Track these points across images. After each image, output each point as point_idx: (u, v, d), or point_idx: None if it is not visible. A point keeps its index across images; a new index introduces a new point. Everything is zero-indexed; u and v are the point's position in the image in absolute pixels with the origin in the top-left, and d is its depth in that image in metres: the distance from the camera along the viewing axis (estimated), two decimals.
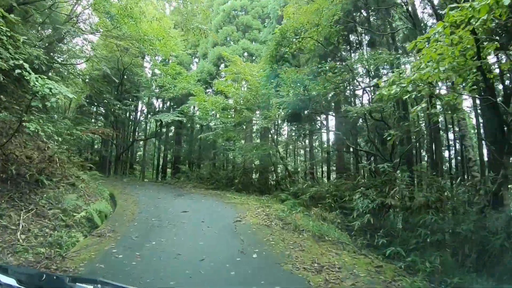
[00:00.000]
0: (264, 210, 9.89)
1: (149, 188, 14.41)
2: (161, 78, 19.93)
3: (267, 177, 16.85)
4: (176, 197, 11.88)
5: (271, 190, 15.86)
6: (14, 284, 1.32)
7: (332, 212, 10.35)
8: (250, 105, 14.20)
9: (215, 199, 12.01)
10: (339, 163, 18.04)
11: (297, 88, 10.71)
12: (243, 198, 12.49)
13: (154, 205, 9.84)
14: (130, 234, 6.28)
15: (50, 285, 1.44)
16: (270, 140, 16.16)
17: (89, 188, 10.43)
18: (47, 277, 1.46)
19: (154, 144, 29.55)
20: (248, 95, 14.32)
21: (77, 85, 20.22)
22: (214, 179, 18.21)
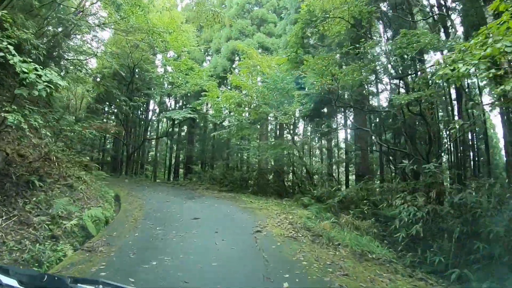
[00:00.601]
0: (287, 217, 8.56)
1: (159, 190, 13.30)
2: (173, 74, 18.86)
3: (285, 179, 15.48)
4: (187, 200, 10.69)
5: (291, 193, 14.52)
6: (15, 285, 1.30)
7: (365, 220, 8.93)
8: (267, 100, 12.88)
9: (230, 203, 10.76)
10: (363, 164, 16.52)
11: (324, 77, 9.31)
12: (260, 202, 11.19)
13: (161, 210, 8.66)
14: (127, 249, 5.07)
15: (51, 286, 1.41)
16: (288, 138, 14.77)
17: (90, 190, 9.37)
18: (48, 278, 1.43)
19: (166, 144, 28.67)
20: (266, 89, 13.01)
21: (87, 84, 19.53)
22: (228, 181, 16.99)
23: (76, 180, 9.13)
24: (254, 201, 11.54)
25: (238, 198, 12.15)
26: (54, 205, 6.29)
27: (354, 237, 6.74)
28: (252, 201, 11.37)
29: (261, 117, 14.60)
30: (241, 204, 10.59)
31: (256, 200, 11.79)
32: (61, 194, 7.56)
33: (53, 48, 13.99)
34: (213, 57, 21.71)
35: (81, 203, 8.04)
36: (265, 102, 12.76)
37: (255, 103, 13.32)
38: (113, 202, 9.98)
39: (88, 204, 8.27)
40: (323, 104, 13.83)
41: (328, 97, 12.41)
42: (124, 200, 10.35)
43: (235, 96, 13.21)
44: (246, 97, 13.97)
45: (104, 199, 9.44)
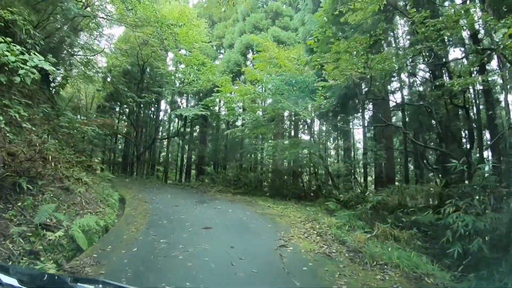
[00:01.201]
0: (314, 226, 7.34)
1: (168, 192, 12.26)
2: (184, 69, 17.85)
3: (306, 181, 14.21)
4: (198, 204, 9.58)
5: (311, 196, 13.26)
6: (16, 284, 1.30)
7: (404, 230, 7.63)
8: (285, 95, 11.67)
9: (245, 207, 9.59)
10: (388, 164, 15.08)
11: (355, 64, 8.02)
12: (279, 207, 9.99)
13: (168, 216, 7.57)
14: (120, 270, 3.97)
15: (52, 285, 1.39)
16: (302, 137, 13.50)
17: (91, 194, 8.39)
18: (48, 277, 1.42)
19: (178, 144, 27.80)
20: (284, 83, 11.81)
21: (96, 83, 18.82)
22: (242, 182, 15.83)
23: (74, 182, 8.17)
24: (272, 205, 10.33)
25: (254, 202, 10.97)
26: (38, 212, 5.26)
27: (402, 254, 5.45)
28: (270, 206, 10.17)
29: (278, 114, 13.39)
30: (258, 209, 9.41)
31: (274, 205, 10.59)
32: (53, 199, 6.56)
33: (59, 44, 13.22)
34: (226, 52, 20.64)
35: (77, 209, 7.04)
36: (283, 97, 11.53)
37: (271, 98, 12.11)
38: (117, 206, 8.99)
39: (86, 210, 7.26)
40: (347, 99, 12.52)
41: (354, 90, 11.15)
42: (129, 204, 9.33)
43: (250, 91, 12.02)
44: (262, 92, 12.77)
45: (106, 203, 8.45)
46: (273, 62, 12.30)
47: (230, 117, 16.52)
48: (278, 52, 12.42)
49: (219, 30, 24.21)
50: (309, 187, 14.90)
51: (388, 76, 9.28)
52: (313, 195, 13.76)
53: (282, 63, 11.95)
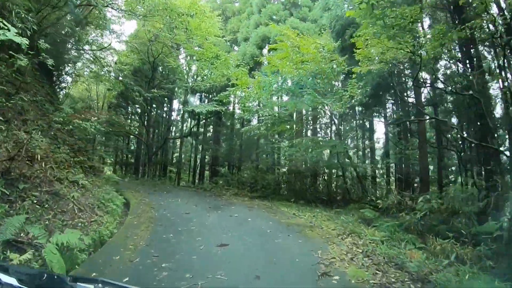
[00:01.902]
0: (355, 241, 5.88)
1: (179, 196, 11.00)
2: (197, 63, 16.61)
3: (332, 184, 12.69)
4: (212, 211, 8.26)
5: (339, 201, 11.75)
6: (15, 283, 1.28)
7: (466, 246, 6.10)
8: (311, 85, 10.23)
9: (267, 215, 8.20)
10: (422, 164, 13.35)
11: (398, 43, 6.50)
12: (306, 215, 8.55)
13: (176, 227, 6.27)
14: None
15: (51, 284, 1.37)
16: (335, 134, 11.97)
17: (88, 198, 7.19)
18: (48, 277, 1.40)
19: (191, 144, 26.73)
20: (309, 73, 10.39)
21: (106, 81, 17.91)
22: (259, 185, 14.47)
23: (68, 186, 6.99)
24: (297, 212, 8.92)
25: (276, 208, 9.58)
26: (3, 225, 4.03)
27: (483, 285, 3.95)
28: (296, 213, 8.75)
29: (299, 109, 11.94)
30: (282, 217, 8.00)
31: (300, 212, 9.18)
32: (36, 206, 5.36)
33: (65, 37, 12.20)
34: (241, 45, 19.33)
35: (66, 218, 5.83)
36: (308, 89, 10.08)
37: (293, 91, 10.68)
38: (119, 212, 7.78)
39: (77, 219, 6.04)
40: (380, 89, 10.96)
41: (387, 79, 9.61)
42: (133, 210, 8.11)
43: (271, 82, 10.58)
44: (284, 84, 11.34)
45: (105, 210, 7.24)
46: (295, 51, 10.86)
47: (245, 114, 15.14)
48: (301, 39, 10.98)
49: (232, 25, 23.03)
50: (335, 190, 13.37)
51: (438, 57, 7.67)
52: (340, 200, 12.27)
53: (306, 50, 10.49)
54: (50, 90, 11.03)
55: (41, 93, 9.67)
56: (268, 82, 10.59)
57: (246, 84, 12.38)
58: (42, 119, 8.37)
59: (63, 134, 9.13)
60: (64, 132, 9.29)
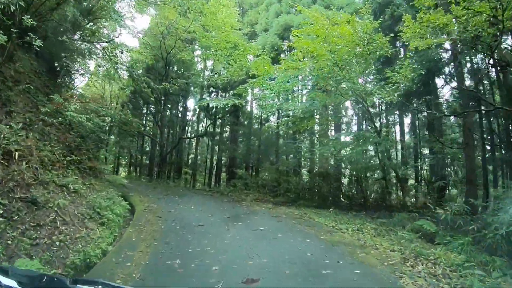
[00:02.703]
0: (429, 268, 4.23)
1: (192, 201, 9.51)
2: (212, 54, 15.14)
3: (365, 187, 10.89)
4: (231, 222, 6.70)
5: (379, 209, 9.93)
6: (15, 285, 1.27)
7: None
8: (348, 70, 8.56)
9: (300, 229, 6.56)
10: (469, 165, 11.31)
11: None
12: (349, 228, 6.89)
13: (185, 247, 4.74)
14: None
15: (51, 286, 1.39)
16: (374, 130, 10.19)
17: (78, 207, 5.80)
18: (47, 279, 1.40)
19: (207, 145, 25.40)
20: (351, 53, 8.72)
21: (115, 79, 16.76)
22: (283, 188, 12.84)
23: (54, 190, 5.62)
24: (336, 224, 7.23)
25: (308, 217, 7.94)
26: None
27: None
28: (334, 225, 7.07)
29: (332, 102, 10.24)
30: (319, 231, 6.34)
31: (336, 222, 7.51)
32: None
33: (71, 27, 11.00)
34: (261, 36, 17.76)
35: (42, 234, 4.43)
36: (346, 73, 8.39)
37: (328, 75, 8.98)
38: (119, 223, 6.37)
39: (58, 235, 4.63)
40: (430, 74, 9.14)
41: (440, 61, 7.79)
42: (137, 220, 6.67)
43: (303, 67, 8.86)
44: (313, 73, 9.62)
45: (99, 221, 5.82)
46: (326, 33, 9.17)
47: (266, 110, 13.49)
48: (334, 17, 9.30)
49: (250, 17, 21.57)
50: (373, 196, 11.55)
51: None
52: (378, 207, 10.45)
53: (341, 30, 8.80)
54: (50, 82, 9.82)
55: (36, 84, 8.43)
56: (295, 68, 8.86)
57: (269, 72, 10.77)
58: (31, 112, 7.08)
59: (58, 130, 7.84)
60: (60, 127, 8.02)
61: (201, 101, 15.61)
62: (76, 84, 15.12)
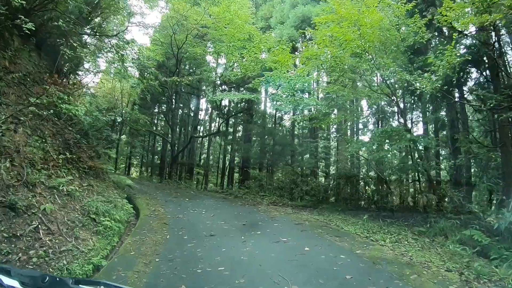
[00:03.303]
0: None
1: (203, 205, 8.62)
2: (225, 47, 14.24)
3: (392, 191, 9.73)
4: (248, 232, 5.73)
5: (411, 215, 8.75)
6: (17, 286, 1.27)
7: None
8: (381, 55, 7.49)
9: (330, 240, 5.55)
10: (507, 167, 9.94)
11: None
12: (387, 240, 5.81)
13: (193, 266, 3.82)
14: None
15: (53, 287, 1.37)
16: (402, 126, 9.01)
17: (69, 212, 4.96)
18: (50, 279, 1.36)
19: (219, 145, 24.58)
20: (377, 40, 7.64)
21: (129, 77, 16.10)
22: (301, 191, 11.82)
23: (42, 193, 4.80)
24: (369, 234, 6.19)
25: (335, 225, 6.92)
26: None
27: None
28: (367, 235, 6.03)
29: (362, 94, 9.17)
30: (353, 244, 5.32)
31: (369, 232, 6.46)
32: None
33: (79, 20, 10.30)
34: (276, 28, 16.75)
35: (18, 248, 3.58)
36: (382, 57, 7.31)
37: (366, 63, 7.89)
38: (120, 231, 5.52)
39: (36, 250, 3.77)
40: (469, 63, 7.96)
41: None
42: (139, 228, 5.80)
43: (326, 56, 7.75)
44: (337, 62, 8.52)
45: (94, 229, 4.96)
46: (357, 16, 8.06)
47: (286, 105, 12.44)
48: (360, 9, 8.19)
49: (264, 11, 20.65)
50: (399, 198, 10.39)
51: None
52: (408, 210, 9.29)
53: (372, 14, 7.70)
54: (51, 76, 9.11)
55: (34, 77, 7.70)
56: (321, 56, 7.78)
57: (288, 63, 9.76)
58: (24, 105, 6.31)
59: (55, 125, 7.08)
60: (58, 122, 7.26)
61: (214, 96, 14.68)
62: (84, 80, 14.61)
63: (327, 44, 7.25)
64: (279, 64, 10.19)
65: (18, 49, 7.90)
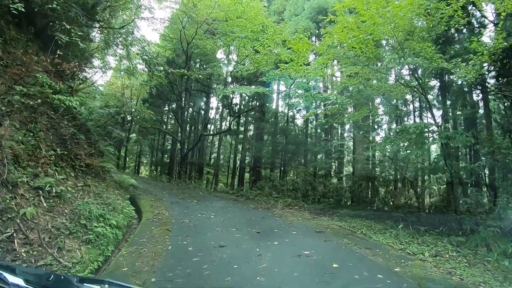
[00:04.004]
0: None
1: (212, 207, 7.87)
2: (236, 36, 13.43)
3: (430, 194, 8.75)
4: (263, 242, 4.92)
5: (444, 219, 7.76)
6: (22, 284, 1.26)
7: None
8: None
9: (361, 254, 4.70)
10: None
11: None
12: (426, 253, 4.94)
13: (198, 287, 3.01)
14: None
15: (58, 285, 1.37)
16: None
17: (56, 217, 4.27)
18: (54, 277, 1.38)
19: (230, 144, 23.88)
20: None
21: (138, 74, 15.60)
22: (318, 193, 10.96)
23: (25, 195, 4.12)
24: (404, 245, 5.28)
25: (360, 233, 6.04)
26: None
27: None
28: (401, 247, 5.13)
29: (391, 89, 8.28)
30: (388, 257, 4.47)
31: (400, 240, 5.57)
32: None
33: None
34: (291, 20, 15.88)
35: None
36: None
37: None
38: (116, 237, 4.81)
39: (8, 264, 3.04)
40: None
41: None
42: (139, 234, 5.08)
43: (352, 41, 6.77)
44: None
45: (84, 237, 4.24)
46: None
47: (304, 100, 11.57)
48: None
49: (277, 5, 19.88)
50: (430, 203, 9.40)
51: None
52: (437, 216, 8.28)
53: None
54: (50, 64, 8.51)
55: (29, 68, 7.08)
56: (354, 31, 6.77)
57: (307, 50, 8.90)
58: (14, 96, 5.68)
59: (50, 119, 6.43)
60: (54, 116, 6.63)
61: (225, 90, 13.94)
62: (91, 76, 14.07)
63: (353, 27, 6.33)
64: (295, 55, 9.34)
65: (14, 38, 7.33)
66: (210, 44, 15.05)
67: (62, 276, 1.59)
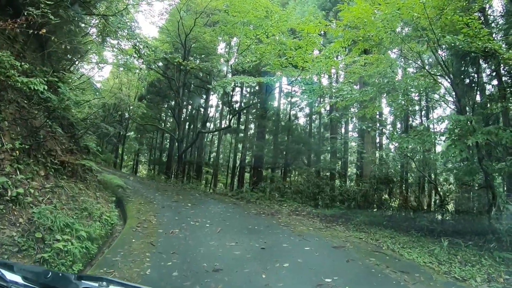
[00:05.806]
0: None
1: (208, 214, 6.84)
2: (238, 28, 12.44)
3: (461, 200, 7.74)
4: (269, 262, 3.90)
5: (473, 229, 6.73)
6: (20, 281, 1.26)
7: None
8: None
9: (395, 278, 3.67)
10: None
11: None
12: (475, 276, 3.87)
13: None
14: None
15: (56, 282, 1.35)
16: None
17: (4, 230, 3.26)
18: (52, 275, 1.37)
19: (230, 143, 22.94)
20: None
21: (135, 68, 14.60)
22: (328, 197, 9.94)
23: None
24: (447, 267, 4.27)
25: (387, 248, 5.01)
26: None
27: None
28: (446, 270, 4.11)
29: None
30: (433, 286, 3.40)
31: (437, 259, 4.54)
32: None
33: None
34: (298, 6, 14.85)
35: None
36: None
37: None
38: (86, 254, 3.79)
39: None
40: None
41: None
42: (114, 250, 4.06)
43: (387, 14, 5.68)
44: None
45: (39, 255, 3.23)
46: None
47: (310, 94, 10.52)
48: None
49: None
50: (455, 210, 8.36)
51: None
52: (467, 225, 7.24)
53: None
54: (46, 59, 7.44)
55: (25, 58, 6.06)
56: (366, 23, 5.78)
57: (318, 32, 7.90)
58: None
59: (21, 108, 5.41)
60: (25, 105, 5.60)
61: (224, 80, 12.92)
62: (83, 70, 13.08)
63: (381, 1, 5.29)
64: (304, 41, 8.33)
65: None
66: (210, 35, 14.00)
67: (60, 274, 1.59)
